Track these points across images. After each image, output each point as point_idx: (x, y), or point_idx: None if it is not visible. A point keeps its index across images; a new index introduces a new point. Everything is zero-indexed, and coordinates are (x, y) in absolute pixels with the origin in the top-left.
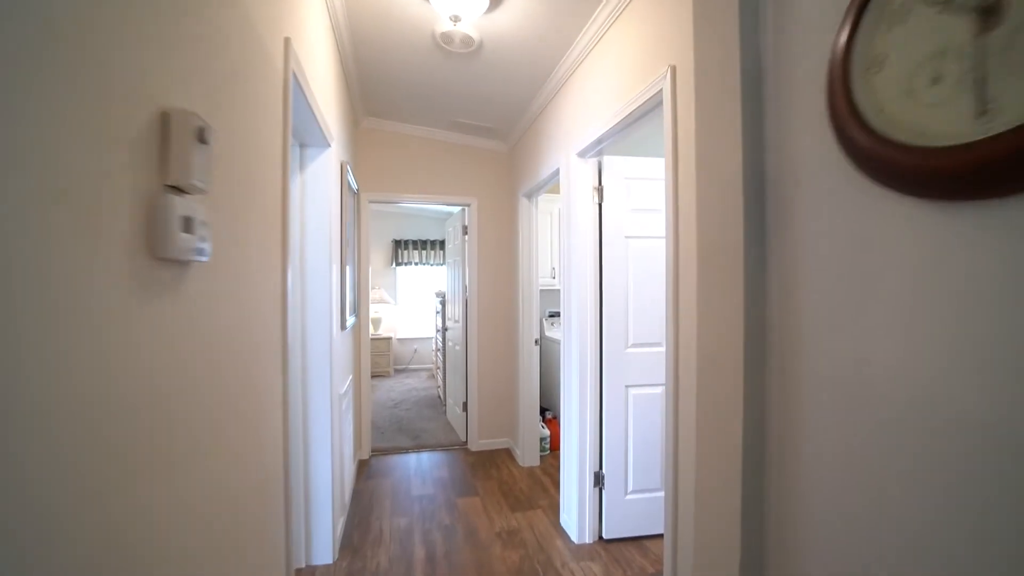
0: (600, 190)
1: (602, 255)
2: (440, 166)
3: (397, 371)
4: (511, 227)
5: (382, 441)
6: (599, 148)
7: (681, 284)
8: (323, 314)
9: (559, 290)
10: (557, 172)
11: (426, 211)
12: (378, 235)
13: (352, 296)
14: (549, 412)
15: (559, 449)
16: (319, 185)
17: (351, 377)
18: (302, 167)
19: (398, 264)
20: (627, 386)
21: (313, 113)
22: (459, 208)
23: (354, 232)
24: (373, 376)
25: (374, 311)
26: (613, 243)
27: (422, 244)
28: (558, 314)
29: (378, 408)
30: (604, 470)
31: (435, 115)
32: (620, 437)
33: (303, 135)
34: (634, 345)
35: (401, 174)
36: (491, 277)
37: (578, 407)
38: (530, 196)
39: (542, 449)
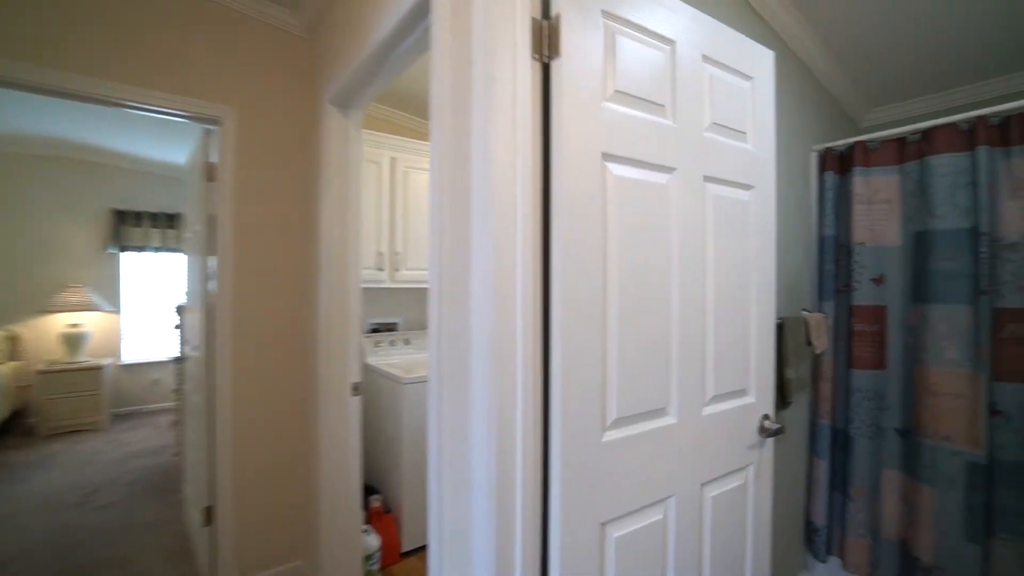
0: (549, 31)
1: (549, 203)
2: (161, 33)
3: (119, 418)
4: (305, 169)
5: None
6: None
7: None
8: None
9: (392, 288)
10: (426, 4)
11: (168, 165)
12: (78, 198)
13: None
14: (376, 496)
15: (397, 563)
16: None
17: None
18: None
19: (123, 247)
20: (604, 523)
21: None
22: (200, 132)
23: None
24: (70, 432)
25: (71, 322)
26: (575, 173)
27: (166, 219)
28: (385, 328)
29: (39, 514)
30: None
31: None
32: None
33: None
34: (623, 422)
35: (63, 24)
36: (265, 266)
37: None
38: (347, 105)
39: (367, 573)
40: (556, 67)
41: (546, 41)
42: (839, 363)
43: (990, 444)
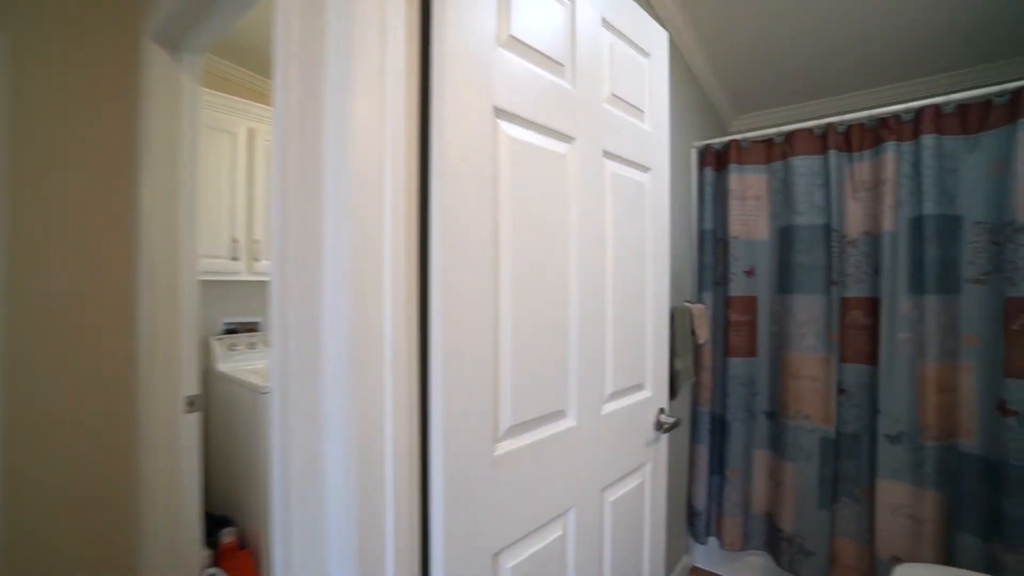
0: None
1: (428, 165)
2: None
3: None
4: (121, 127)
5: None
6: None
7: None
8: None
9: (250, 281)
10: None
11: None
12: None
13: None
14: (229, 530)
15: None
16: None
17: None
18: None
19: None
20: (497, 553)
21: None
22: None
23: None
24: None
25: None
26: (461, 129)
27: None
28: (243, 328)
29: None
30: None
31: None
32: None
33: None
34: (519, 429)
35: None
36: (63, 252)
37: None
38: (178, 45)
39: None
40: (440, 6)
41: None
42: (717, 352)
43: (837, 420)
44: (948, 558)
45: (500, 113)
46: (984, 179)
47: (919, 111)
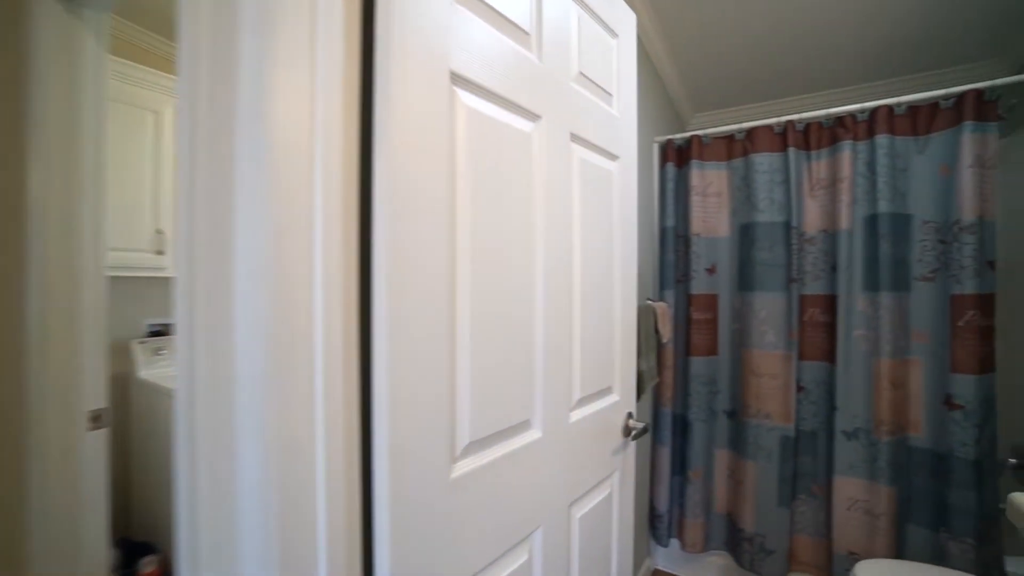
0: None
1: (371, 138)
2: None
3: None
4: (8, 96)
5: None
6: None
7: None
8: None
9: (170, 278)
10: None
11: None
12: None
13: None
14: (150, 559)
15: None
16: None
17: None
18: None
19: None
20: None
21: None
22: None
23: None
24: None
25: None
26: (412, 96)
27: None
28: (169, 332)
29: None
30: None
31: None
32: None
33: None
34: (479, 446)
35: None
36: None
37: None
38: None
39: None
40: None
41: None
42: (679, 351)
43: (796, 417)
44: (900, 550)
45: (457, 80)
46: (932, 179)
47: (873, 111)
